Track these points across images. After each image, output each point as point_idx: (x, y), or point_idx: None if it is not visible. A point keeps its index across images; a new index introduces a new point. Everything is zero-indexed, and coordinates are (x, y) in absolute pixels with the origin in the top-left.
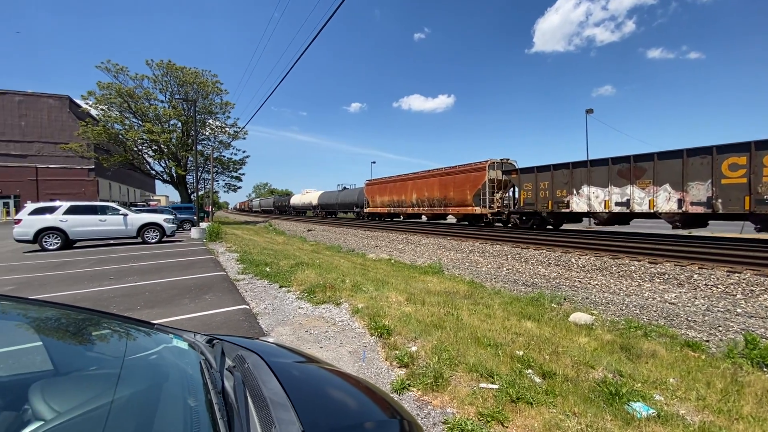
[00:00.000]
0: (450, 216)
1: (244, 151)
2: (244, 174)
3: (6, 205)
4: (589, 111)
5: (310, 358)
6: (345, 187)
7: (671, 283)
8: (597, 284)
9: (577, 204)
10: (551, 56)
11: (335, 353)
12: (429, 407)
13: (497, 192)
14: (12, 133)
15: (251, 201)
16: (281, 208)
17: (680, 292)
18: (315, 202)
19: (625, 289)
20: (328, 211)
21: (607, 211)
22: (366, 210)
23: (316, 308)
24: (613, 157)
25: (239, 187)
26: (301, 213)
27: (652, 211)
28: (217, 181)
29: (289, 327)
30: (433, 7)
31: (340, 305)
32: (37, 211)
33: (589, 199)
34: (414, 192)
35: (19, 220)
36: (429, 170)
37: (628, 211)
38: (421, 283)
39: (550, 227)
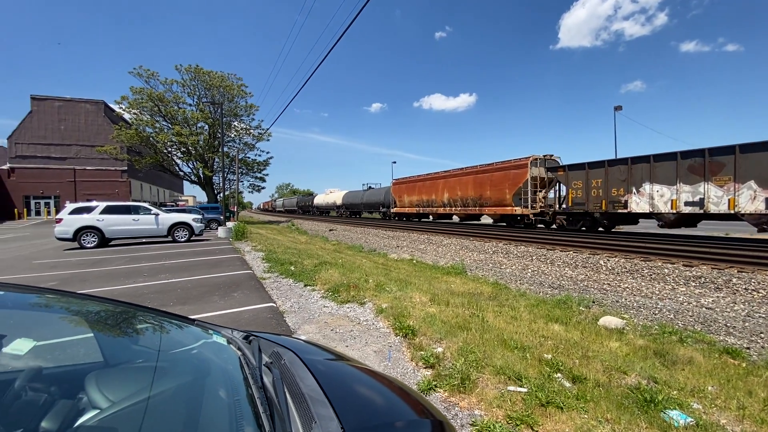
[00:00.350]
0: (485, 217)
1: (267, 152)
2: (267, 175)
3: (47, 204)
4: (618, 108)
5: (341, 356)
6: (370, 187)
7: (708, 287)
8: (627, 287)
9: (638, 204)
10: (577, 52)
11: (361, 352)
12: (456, 408)
13: (540, 191)
14: (53, 137)
15: (275, 201)
16: (304, 208)
17: (718, 297)
18: (339, 201)
19: (657, 292)
20: (352, 211)
21: (674, 211)
22: (393, 210)
23: (340, 307)
24: (682, 150)
25: (263, 188)
26: (324, 213)
27: (732, 211)
28: (241, 181)
29: (315, 325)
30: (455, 5)
31: (364, 305)
32: (76, 211)
33: (652, 198)
34: (446, 191)
35: (60, 219)
36: (462, 168)
37: (701, 211)
38: (444, 284)
39: (602, 229)
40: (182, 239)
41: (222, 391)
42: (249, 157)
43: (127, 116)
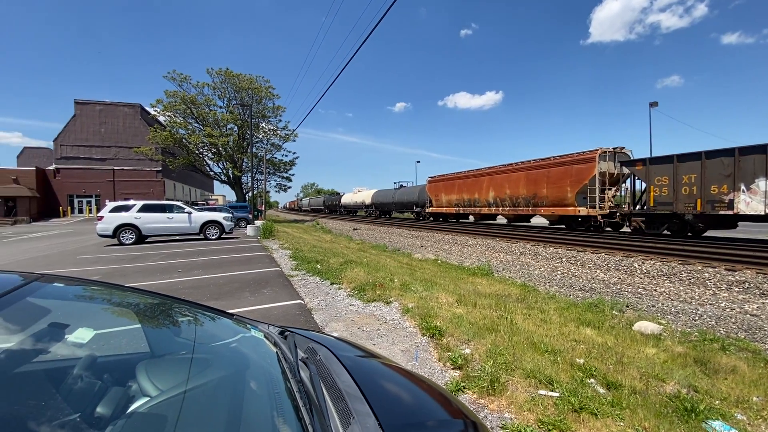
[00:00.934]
0: (538, 218)
1: (293, 153)
2: (293, 174)
3: (89, 203)
4: (653, 104)
5: (373, 354)
6: (402, 185)
7: (752, 293)
8: (664, 291)
9: (748, 204)
10: (609, 46)
11: (388, 351)
12: (485, 411)
13: (609, 188)
14: (94, 139)
15: (301, 200)
16: (331, 207)
17: (763, 303)
18: (368, 201)
19: (697, 297)
20: (382, 211)
21: None
22: (428, 210)
23: (366, 306)
24: None
25: (289, 187)
26: (352, 212)
27: None
28: (269, 181)
29: (342, 323)
30: (481, 2)
31: (390, 304)
32: (115, 209)
33: None
34: (491, 189)
35: (102, 217)
36: (511, 164)
37: None
38: (470, 285)
39: (690, 234)
40: (213, 237)
41: (262, 384)
42: (276, 158)
43: (161, 119)
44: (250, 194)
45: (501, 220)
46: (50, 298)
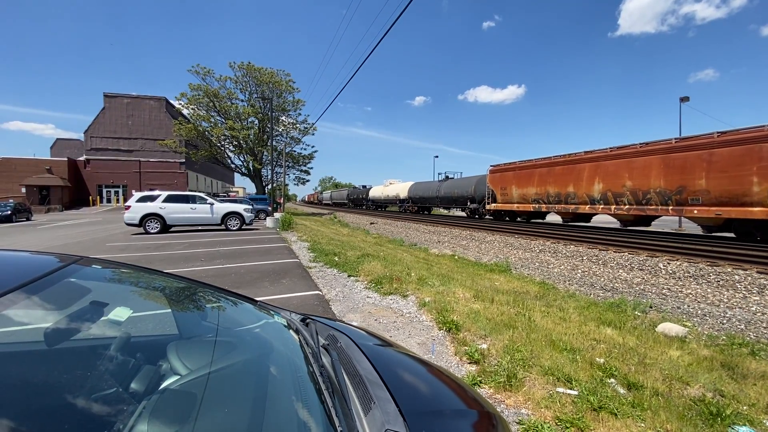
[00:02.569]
0: (676, 218)
1: (312, 146)
2: (312, 168)
3: (117, 193)
4: (684, 99)
5: (392, 344)
6: (448, 177)
7: None
8: (690, 293)
9: None
10: (639, 39)
11: (404, 343)
12: (502, 406)
13: None
14: (121, 131)
15: (321, 193)
16: (357, 201)
17: None
18: (403, 194)
19: (726, 300)
20: (421, 207)
21: None
22: (491, 206)
23: (383, 299)
24: None
25: (308, 180)
26: (381, 208)
27: None
28: (288, 174)
29: (359, 315)
30: None
31: (407, 297)
32: (142, 199)
33: None
34: (597, 180)
35: (129, 207)
36: (633, 144)
37: None
38: (487, 281)
39: None
40: (234, 228)
41: (286, 368)
42: (295, 151)
43: (185, 112)
44: (269, 187)
45: (599, 220)
46: (89, 279)
